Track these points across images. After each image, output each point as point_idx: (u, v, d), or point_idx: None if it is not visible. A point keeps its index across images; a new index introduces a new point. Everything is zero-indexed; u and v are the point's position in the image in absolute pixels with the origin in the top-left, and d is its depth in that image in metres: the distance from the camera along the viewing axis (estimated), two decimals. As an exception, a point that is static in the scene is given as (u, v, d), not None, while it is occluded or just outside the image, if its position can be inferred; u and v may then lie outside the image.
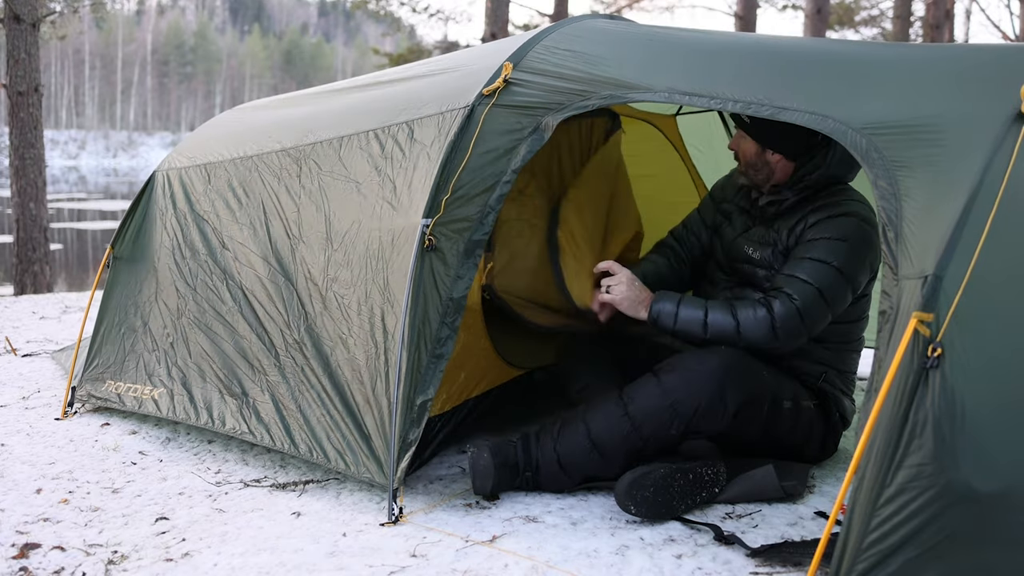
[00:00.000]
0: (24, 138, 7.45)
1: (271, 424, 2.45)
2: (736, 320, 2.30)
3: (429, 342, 2.19)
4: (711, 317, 2.33)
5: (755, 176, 2.49)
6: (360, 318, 2.35)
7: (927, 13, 13.16)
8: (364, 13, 20.11)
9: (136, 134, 66.06)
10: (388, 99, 2.70)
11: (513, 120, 2.33)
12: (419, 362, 2.17)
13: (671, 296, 2.40)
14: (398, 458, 2.13)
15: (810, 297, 2.27)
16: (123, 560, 1.98)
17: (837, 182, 2.45)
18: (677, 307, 2.37)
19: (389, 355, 2.24)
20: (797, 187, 2.43)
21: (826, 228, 2.34)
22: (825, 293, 2.28)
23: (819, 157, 2.40)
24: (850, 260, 2.30)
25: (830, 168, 2.40)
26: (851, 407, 2.57)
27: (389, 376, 2.22)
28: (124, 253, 3.14)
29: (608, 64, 2.37)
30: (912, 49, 2.59)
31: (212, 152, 3.09)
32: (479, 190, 2.27)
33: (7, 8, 7.25)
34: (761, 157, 2.45)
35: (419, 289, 2.19)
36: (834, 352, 2.48)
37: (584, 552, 1.96)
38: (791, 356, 2.43)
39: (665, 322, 2.38)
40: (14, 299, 6.06)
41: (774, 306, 2.27)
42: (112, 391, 2.90)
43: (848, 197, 2.42)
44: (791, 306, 2.26)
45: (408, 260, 2.23)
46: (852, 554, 1.55)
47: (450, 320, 2.21)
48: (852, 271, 2.31)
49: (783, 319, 2.26)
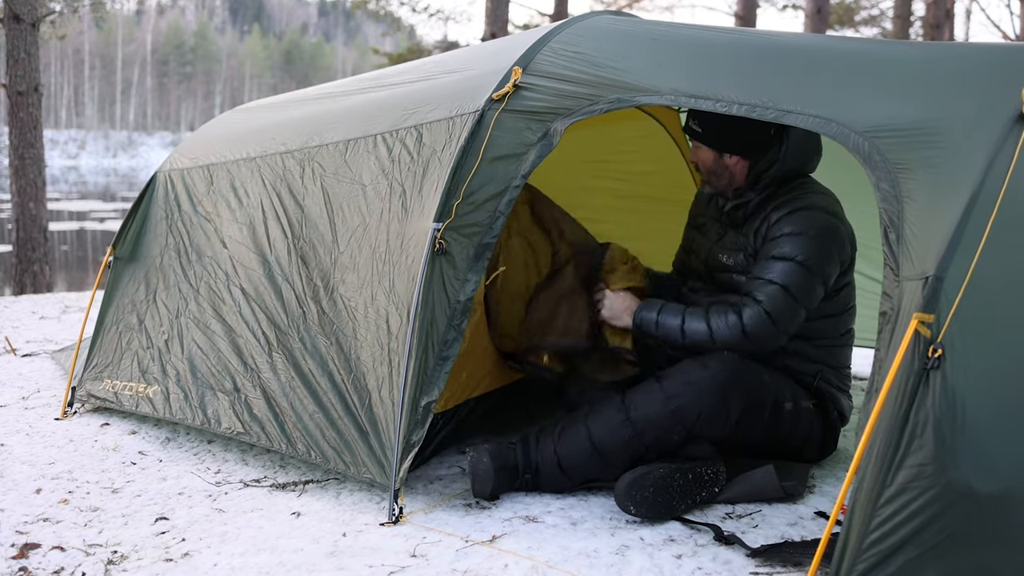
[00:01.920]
0: (24, 138, 7.44)
1: (266, 423, 2.45)
2: (709, 327, 2.33)
3: (436, 344, 2.20)
4: (687, 325, 2.36)
5: (718, 183, 2.52)
6: (366, 319, 2.35)
7: (927, 13, 13.16)
8: (364, 13, 20.10)
9: (136, 134, 66.04)
10: (395, 102, 2.70)
11: (523, 125, 2.35)
12: (426, 364, 2.18)
13: (653, 304, 2.45)
14: (401, 459, 2.14)
15: (777, 297, 2.28)
16: (123, 560, 1.98)
17: (797, 175, 2.47)
18: (658, 315, 2.41)
19: (394, 356, 2.24)
20: (758, 186, 2.45)
21: (787, 223, 2.35)
22: (792, 290, 2.29)
23: (773, 152, 2.42)
24: (814, 253, 2.31)
25: (786, 163, 2.42)
26: (848, 404, 2.57)
27: (394, 377, 2.22)
28: (125, 254, 3.14)
29: (615, 66, 2.39)
30: (914, 48, 2.60)
31: (214, 153, 3.09)
32: (489, 195, 2.29)
33: (7, 8, 7.25)
34: (720, 163, 2.48)
35: (428, 292, 2.20)
36: (826, 349, 2.49)
37: (584, 552, 1.96)
38: (785, 356, 2.43)
39: (648, 329, 2.43)
40: (14, 299, 6.06)
41: (743, 313, 2.29)
42: (109, 389, 2.91)
43: (809, 190, 2.43)
44: (758, 309, 2.28)
45: (416, 263, 2.24)
46: (852, 554, 1.55)
47: (457, 322, 2.22)
48: (818, 264, 2.32)
49: (752, 324, 2.28)
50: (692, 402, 2.20)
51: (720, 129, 2.42)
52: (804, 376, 2.45)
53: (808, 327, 2.41)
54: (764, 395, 2.30)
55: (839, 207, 2.44)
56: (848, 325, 2.55)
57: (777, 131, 2.38)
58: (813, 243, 2.31)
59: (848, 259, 2.44)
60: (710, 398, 2.20)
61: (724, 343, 2.30)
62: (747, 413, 2.25)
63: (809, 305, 2.33)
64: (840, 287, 2.47)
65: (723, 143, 2.45)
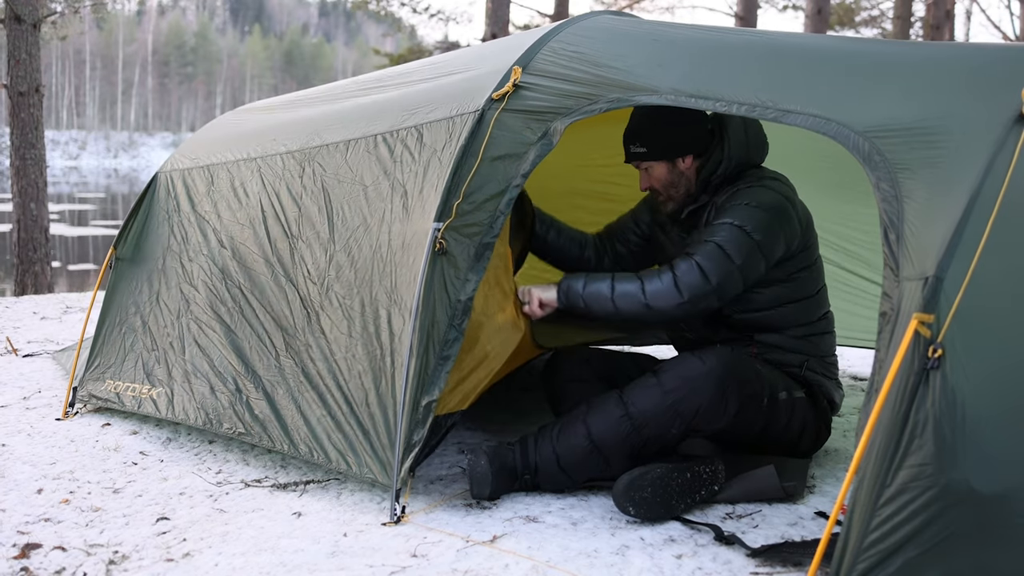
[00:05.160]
0: (25, 138, 7.45)
1: (267, 424, 2.45)
2: (642, 287, 2.32)
3: (437, 344, 2.20)
4: (618, 288, 2.34)
5: (676, 194, 2.54)
6: (364, 319, 2.35)
7: (927, 13, 13.16)
8: (365, 13, 20.14)
9: (137, 134, 66.05)
10: (395, 103, 2.70)
11: (522, 125, 2.35)
12: (427, 364, 2.19)
13: (578, 274, 2.44)
14: (402, 458, 2.14)
15: (711, 253, 2.29)
16: (124, 560, 1.98)
17: (746, 168, 2.49)
18: (584, 282, 2.39)
19: (396, 356, 2.24)
20: (710, 188, 2.49)
21: (732, 199, 2.40)
22: (726, 248, 2.29)
23: (716, 152, 2.46)
24: (754, 222, 2.32)
25: (732, 159, 2.45)
26: (839, 392, 2.57)
27: (395, 377, 2.22)
28: (127, 254, 3.14)
29: (615, 66, 2.39)
30: (914, 48, 2.59)
31: (215, 154, 3.09)
32: (490, 195, 2.29)
33: (8, 8, 7.26)
34: (675, 171, 2.51)
35: (429, 292, 2.20)
36: (805, 339, 2.50)
37: (584, 552, 1.96)
38: (766, 350, 2.46)
39: (574, 300, 2.39)
40: (15, 299, 6.07)
41: (677, 266, 2.31)
42: (111, 390, 2.91)
43: (758, 176, 2.47)
44: (691, 262, 2.29)
45: (417, 263, 2.24)
46: (853, 554, 1.55)
47: (458, 322, 2.22)
48: (758, 231, 2.32)
49: (684, 274, 2.28)
50: (690, 396, 2.20)
51: (665, 138, 2.46)
52: (790, 367, 2.47)
53: (777, 316, 2.44)
54: (760, 386, 2.31)
55: (790, 189, 2.48)
56: (822, 309, 2.55)
57: (717, 127, 2.44)
58: (755, 212, 2.33)
59: (799, 240, 2.44)
60: (708, 391, 2.20)
61: (657, 300, 2.29)
62: (745, 405, 2.25)
63: (747, 271, 2.32)
64: (801, 268, 2.47)
65: (672, 149, 2.48)
